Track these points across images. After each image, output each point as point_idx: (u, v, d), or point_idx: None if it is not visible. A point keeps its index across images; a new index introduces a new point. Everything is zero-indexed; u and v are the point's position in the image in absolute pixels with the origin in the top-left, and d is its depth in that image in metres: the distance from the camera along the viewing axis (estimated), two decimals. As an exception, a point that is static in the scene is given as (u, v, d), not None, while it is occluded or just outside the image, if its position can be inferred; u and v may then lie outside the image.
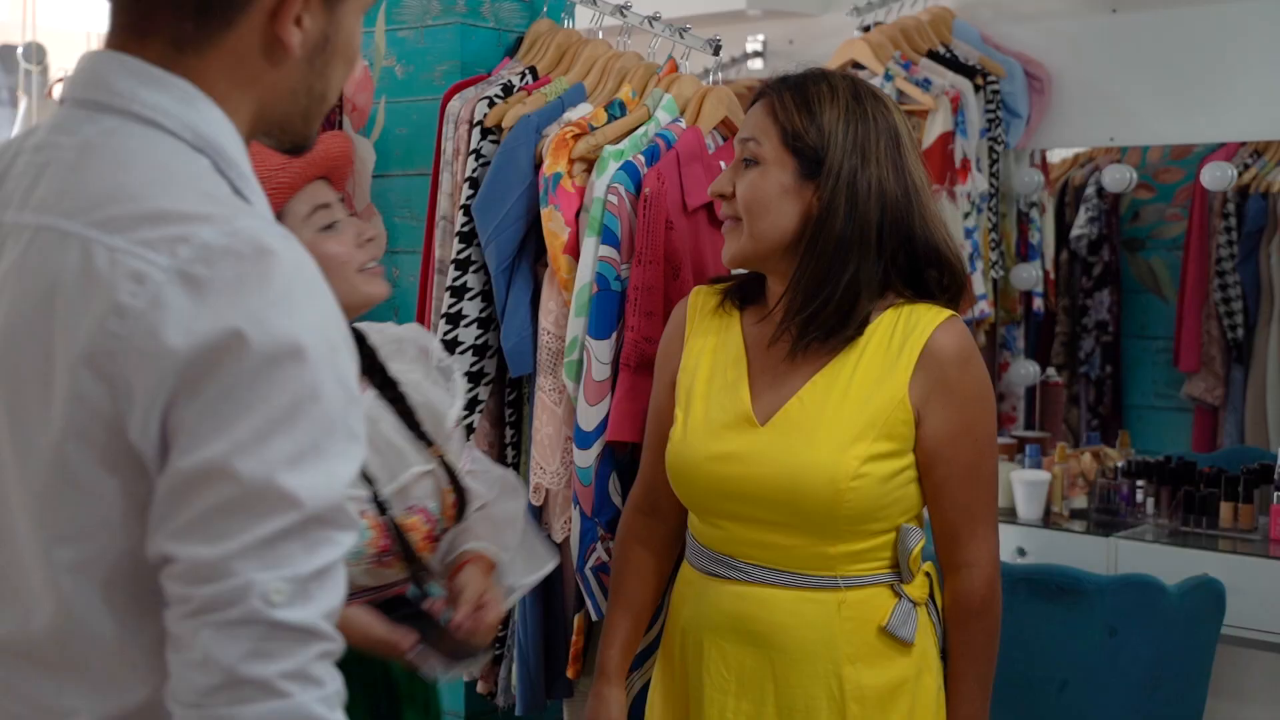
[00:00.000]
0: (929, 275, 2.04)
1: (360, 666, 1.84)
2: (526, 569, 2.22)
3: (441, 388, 2.16)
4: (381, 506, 2.00)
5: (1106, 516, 3.69)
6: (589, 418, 2.43)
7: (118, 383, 1.10)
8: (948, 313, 2.04)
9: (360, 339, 2.09)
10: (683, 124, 2.58)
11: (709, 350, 2.13)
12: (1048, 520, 3.69)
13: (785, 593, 2.03)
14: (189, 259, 1.10)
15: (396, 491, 2.03)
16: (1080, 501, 3.77)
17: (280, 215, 2.01)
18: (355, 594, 2.00)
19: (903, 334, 2.01)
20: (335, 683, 1.14)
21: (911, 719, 2.04)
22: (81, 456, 1.12)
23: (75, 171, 1.18)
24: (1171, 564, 3.23)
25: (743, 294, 2.16)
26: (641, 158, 2.47)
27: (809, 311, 2.00)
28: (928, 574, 2.08)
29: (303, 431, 1.10)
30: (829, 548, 2.00)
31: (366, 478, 2.01)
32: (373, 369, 2.09)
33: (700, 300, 2.19)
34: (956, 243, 2.13)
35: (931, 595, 2.09)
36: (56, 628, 1.16)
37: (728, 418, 2.06)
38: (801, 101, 2.02)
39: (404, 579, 2.04)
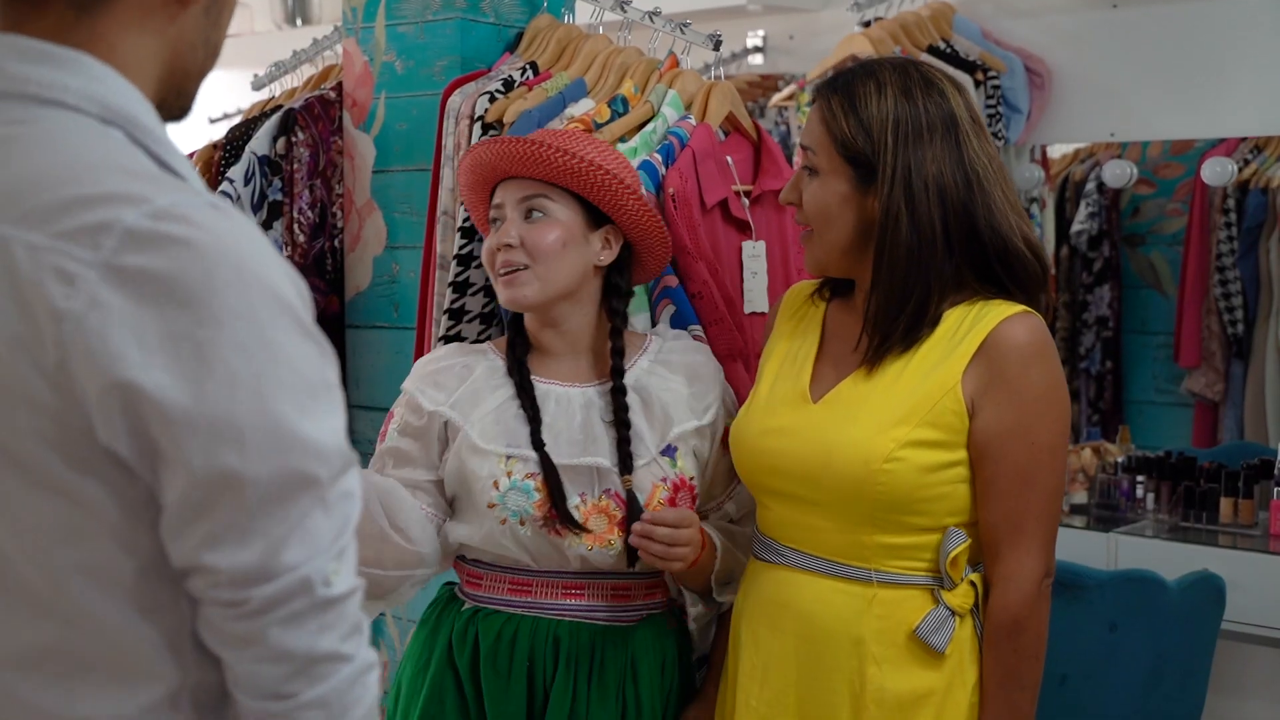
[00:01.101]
0: (997, 269, 1.96)
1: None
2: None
3: (699, 404, 2.22)
4: (550, 473, 2.10)
5: (1106, 512, 3.69)
6: None
7: (74, 390, 1.08)
8: (1021, 308, 1.96)
9: (616, 339, 2.20)
10: (692, 120, 2.58)
11: (786, 337, 2.13)
12: (1048, 515, 3.69)
13: (817, 579, 2.00)
14: (115, 249, 1.07)
15: (590, 470, 2.13)
16: (1080, 497, 3.77)
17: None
18: (537, 573, 2.16)
19: (969, 326, 1.95)
20: (363, 617, 1.18)
21: None
22: (56, 465, 1.11)
23: None
24: (1171, 559, 3.23)
25: (834, 285, 2.14)
26: (658, 156, 2.47)
27: (888, 322, 1.96)
28: (974, 584, 1.98)
29: (290, 401, 1.10)
30: (864, 536, 1.96)
31: (539, 444, 2.12)
32: (614, 370, 2.19)
33: (794, 293, 2.20)
34: (1036, 233, 2.04)
35: (977, 608, 1.99)
36: (64, 631, 1.15)
37: (787, 395, 2.06)
38: (849, 105, 1.96)
39: (578, 570, 2.16)
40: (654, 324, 2.41)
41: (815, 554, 2.01)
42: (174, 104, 1.26)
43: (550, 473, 2.11)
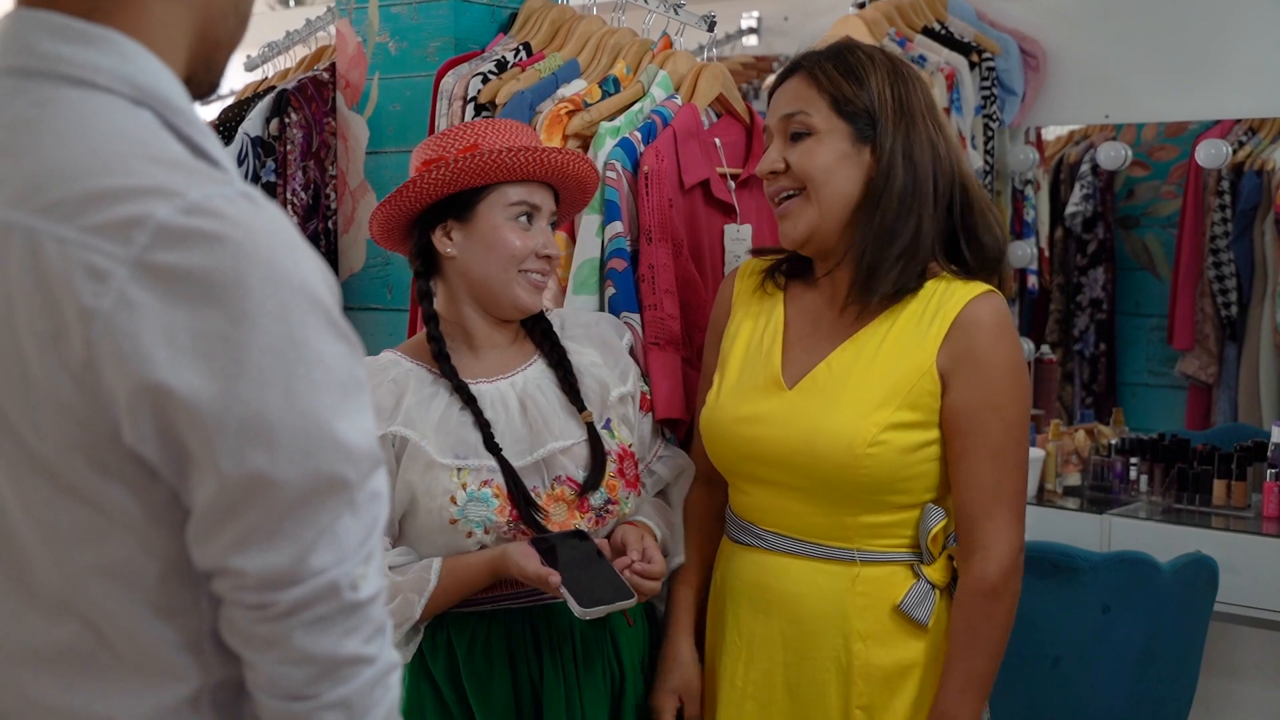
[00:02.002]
0: (963, 241, 2.04)
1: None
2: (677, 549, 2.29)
3: (614, 371, 2.23)
4: (510, 477, 2.08)
5: (1100, 494, 3.70)
6: None
7: (101, 391, 1.05)
8: (986, 287, 2.03)
9: (540, 316, 2.22)
10: (678, 101, 2.58)
11: (750, 318, 2.14)
12: (1041, 497, 3.69)
13: (800, 562, 2.03)
14: (146, 246, 1.03)
15: (537, 463, 2.12)
16: (1074, 479, 3.77)
17: (488, 191, 2.12)
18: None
19: (937, 304, 2.00)
20: (387, 619, 1.17)
21: (918, 704, 2.02)
22: (78, 467, 1.09)
23: (10, 153, 1.10)
24: (1165, 541, 3.23)
25: (788, 269, 2.16)
26: (638, 134, 2.46)
27: (877, 268, 1.99)
28: (951, 559, 2.04)
29: (322, 402, 1.08)
30: (846, 517, 2.00)
31: (495, 449, 2.09)
32: (546, 341, 2.20)
33: (747, 271, 2.21)
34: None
35: (954, 582, 2.04)
36: (83, 632, 1.13)
37: (758, 381, 2.07)
38: (845, 69, 2.02)
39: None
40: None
41: (797, 537, 2.04)
42: (204, 78, 1.22)
43: (511, 479, 2.09)
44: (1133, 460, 3.68)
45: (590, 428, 2.15)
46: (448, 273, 2.19)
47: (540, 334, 2.23)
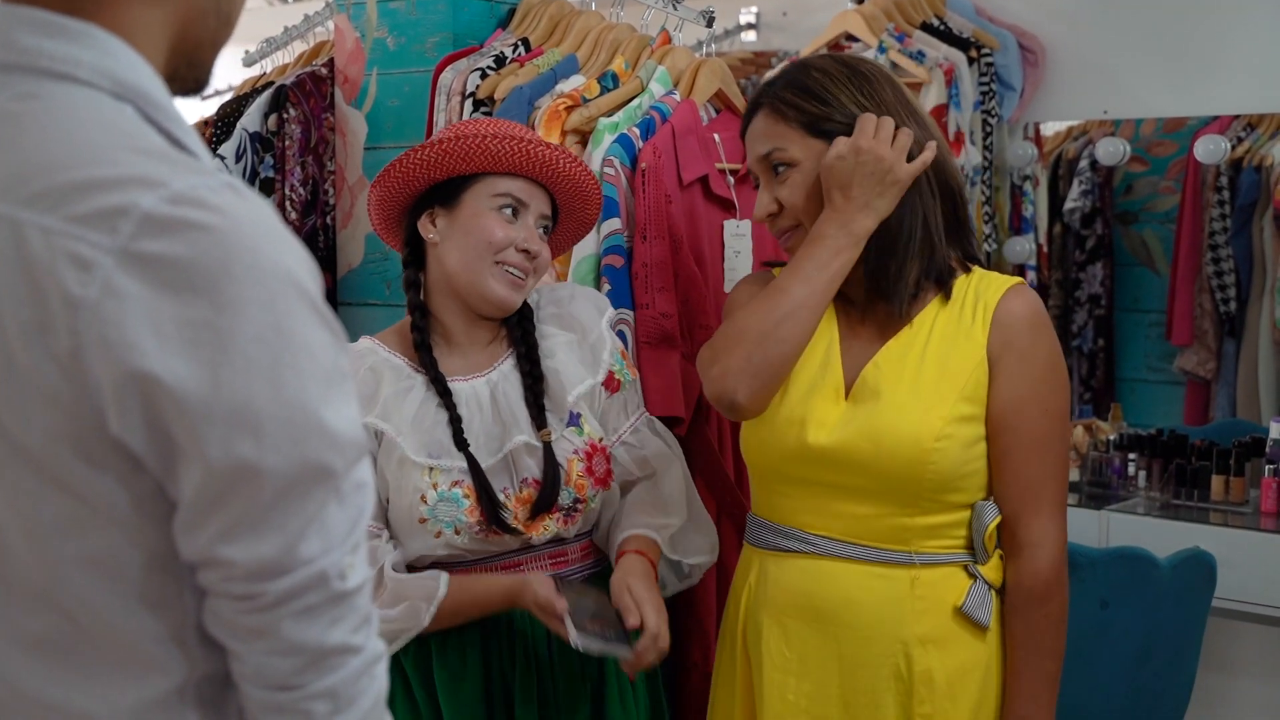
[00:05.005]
0: (965, 239, 2.02)
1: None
2: (697, 547, 2.25)
3: (583, 360, 2.20)
4: (479, 479, 2.07)
5: (1098, 489, 3.69)
6: None
7: (88, 380, 1.05)
8: (1017, 279, 2.01)
9: (525, 306, 2.19)
10: (677, 96, 2.58)
11: None
12: (1040, 493, 3.69)
13: (855, 566, 1.97)
14: (132, 235, 1.03)
15: (506, 462, 2.11)
16: (1072, 474, 3.77)
17: (476, 179, 2.10)
18: (472, 561, 2.12)
19: (975, 297, 1.98)
20: (373, 609, 1.17)
21: (980, 708, 1.98)
22: (63, 457, 1.08)
23: None
24: (1163, 537, 3.23)
25: None
26: (636, 130, 2.46)
27: (895, 267, 1.96)
28: (1001, 556, 1.99)
29: (308, 390, 1.08)
30: (908, 519, 1.95)
31: (463, 447, 2.08)
32: (523, 344, 2.17)
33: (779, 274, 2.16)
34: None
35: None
36: (65, 623, 1.13)
37: (817, 386, 2.01)
38: (805, 91, 1.98)
39: (515, 549, 2.12)
40: None
41: (854, 541, 1.98)
42: (188, 75, 1.22)
43: (480, 481, 2.08)
44: (1131, 456, 3.68)
45: (547, 447, 2.12)
46: (431, 262, 2.18)
47: (519, 332, 2.20)
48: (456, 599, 2.05)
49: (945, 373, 1.95)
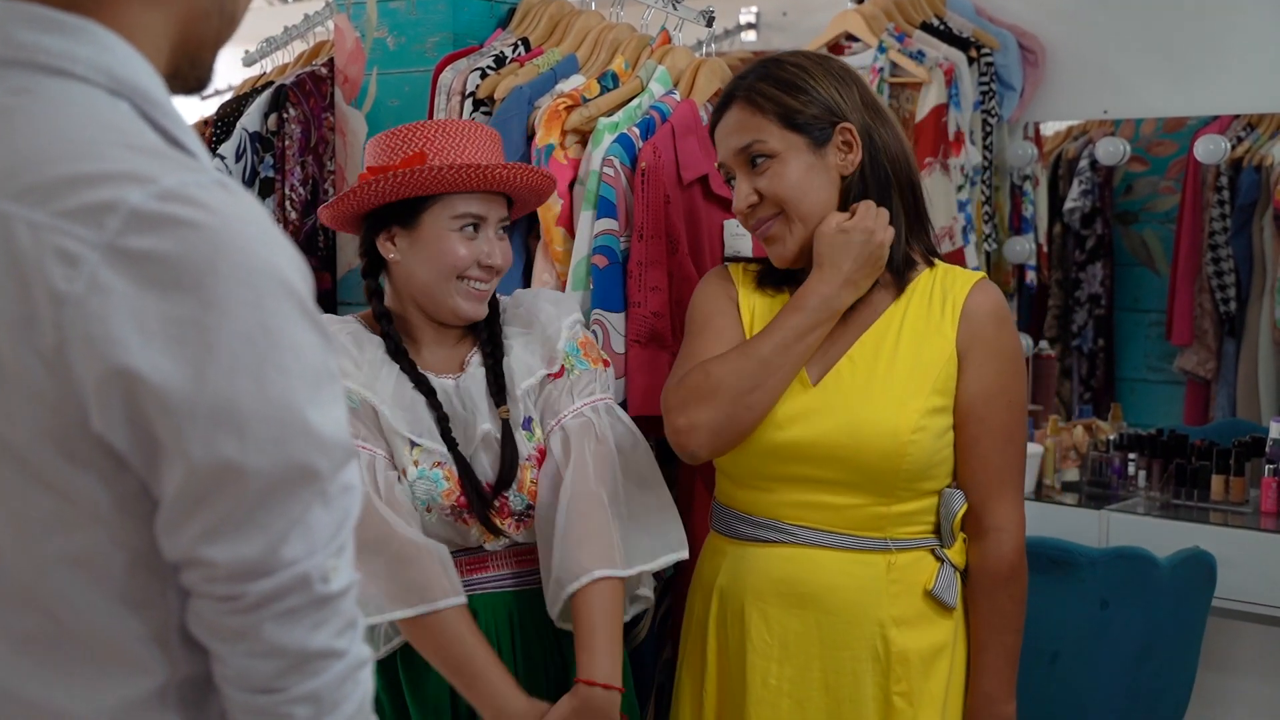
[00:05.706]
0: (926, 234, 2.12)
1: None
2: (652, 548, 2.16)
3: (536, 354, 2.20)
4: (462, 463, 2.09)
5: (1098, 489, 3.70)
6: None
7: (71, 377, 1.04)
8: (982, 274, 2.10)
9: (494, 303, 2.22)
10: (677, 96, 2.58)
11: (759, 320, 2.12)
12: (1040, 493, 3.70)
13: (835, 554, 2.04)
14: (119, 231, 1.02)
15: (474, 455, 2.12)
16: (1072, 474, 3.77)
17: (434, 200, 2.11)
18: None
19: (942, 291, 2.06)
20: (358, 613, 1.16)
21: (949, 684, 2.07)
22: (47, 455, 1.07)
23: None
24: (1163, 537, 3.23)
25: (777, 278, 2.15)
26: (636, 130, 2.46)
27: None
28: (964, 539, 2.09)
29: (294, 390, 1.07)
30: (884, 507, 2.03)
31: (447, 433, 2.10)
32: (489, 345, 2.19)
33: (740, 272, 2.19)
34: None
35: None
36: (47, 622, 1.12)
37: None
38: (781, 83, 2.03)
39: (481, 543, 2.14)
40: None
41: (833, 530, 2.05)
42: (189, 74, 1.21)
43: (467, 475, 2.09)
44: (1131, 456, 3.68)
45: (505, 425, 2.14)
46: (393, 274, 2.19)
47: (487, 333, 2.21)
48: (439, 643, 2.03)
49: (918, 366, 2.02)
